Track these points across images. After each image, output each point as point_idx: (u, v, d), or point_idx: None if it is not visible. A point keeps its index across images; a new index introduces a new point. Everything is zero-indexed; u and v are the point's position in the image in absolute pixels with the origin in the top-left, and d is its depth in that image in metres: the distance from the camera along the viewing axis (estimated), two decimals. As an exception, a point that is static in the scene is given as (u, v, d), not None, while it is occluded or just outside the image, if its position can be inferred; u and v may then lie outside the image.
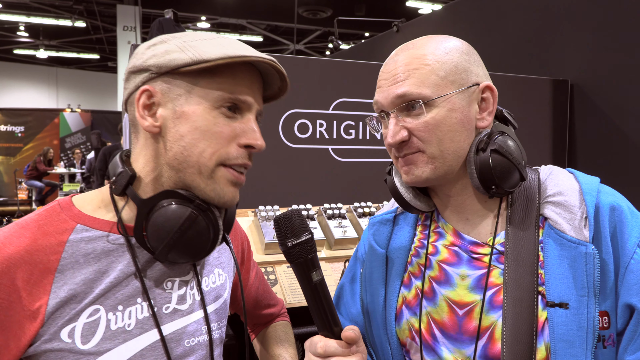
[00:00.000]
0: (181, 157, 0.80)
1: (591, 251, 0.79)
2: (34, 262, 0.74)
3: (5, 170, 12.30)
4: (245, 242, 1.12)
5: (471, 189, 0.91)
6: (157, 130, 0.81)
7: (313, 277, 0.79)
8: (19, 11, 11.59)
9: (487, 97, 0.90)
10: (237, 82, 0.81)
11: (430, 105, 0.85)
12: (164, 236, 0.78)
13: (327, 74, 2.41)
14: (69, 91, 17.51)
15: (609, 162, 2.89)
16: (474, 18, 4.04)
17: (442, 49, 0.88)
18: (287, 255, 0.79)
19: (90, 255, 0.79)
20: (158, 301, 0.84)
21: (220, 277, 0.97)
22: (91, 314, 0.77)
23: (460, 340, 0.87)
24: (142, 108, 0.81)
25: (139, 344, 0.80)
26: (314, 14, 10.70)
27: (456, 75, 0.86)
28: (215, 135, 0.79)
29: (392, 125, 0.87)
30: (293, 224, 0.78)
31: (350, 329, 0.79)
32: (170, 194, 0.80)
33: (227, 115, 0.81)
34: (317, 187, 2.41)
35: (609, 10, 2.84)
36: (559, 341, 0.78)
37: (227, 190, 0.82)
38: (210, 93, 0.80)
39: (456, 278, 0.89)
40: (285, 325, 1.21)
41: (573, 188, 0.86)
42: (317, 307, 0.80)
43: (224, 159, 0.80)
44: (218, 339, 0.93)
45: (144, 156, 0.83)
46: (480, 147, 0.86)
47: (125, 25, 10.58)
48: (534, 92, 2.97)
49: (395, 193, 0.96)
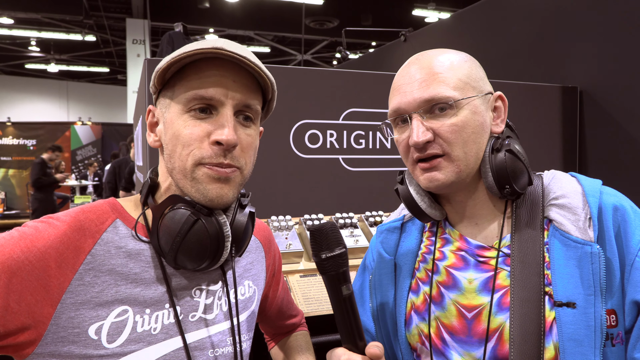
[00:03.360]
0: (170, 164, 0.83)
1: (596, 250, 0.80)
2: (69, 241, 0.76)
3: (17, 183, 12.42)
4: (278, 255, 1.13)
5: (483, 193, 0.93)
6: (158, 144, 0.86)
7: (343, 291, 0.79)
8: (31, 26, 11.78)
9: (499, 106, 0.95)
10: (202, 80, 0.80)
11: (457, 107, 0.87)
12: (169, 240, 0.80)
13: (337, 85, 2.43)
14: (79, 104, 17.71)
15: (619, 169, 2.88)
16: (482, 26, 4.05)
17: (460, 58, 0.92)
18: (319, 266, 0.80)
19: (122, 249, 0.81)
20: (185, 308, 0.85)
21: (250, 289, 0.98)
22: (120, 314, 0.78)
23: (469, 343, 0.88)
24: (148, 126, 0.87)
25: (162, 349, 0.81)
26: (321, 24, 10.78)
27: (475, 82, 0.91)
28: (186, 137, 0.80)
29: (416, 126, 0.88)
30: (328, 237, 0.79)
31: (375, 346, 0.80)
32: (175, 199, 0.82)
33: (198, 117, 0.80)
34: (329, 197, 2.42)
35: (616, 17, 2.85)
36: (568, 340, 0.79)
37: (210, 187, 0.81)
38: (182, 97, 0.81)
39: (464, 282, 0.91)
40: (306, 335, 1.22)
41: (576, 190, 0.88)
42: (343, 320, 0.80)
43: (198, 158, 0.80)
44: (243, 351, 0.92)
45: (160, 168, 0.89)
46: (496, 148, 0.90)
47: (135, 38, 10.72)
48: (543, 99, 2.97)
49: (410, 202, 0.96)
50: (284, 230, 1.99)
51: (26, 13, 10.58)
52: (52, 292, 0.74)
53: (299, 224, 2.08)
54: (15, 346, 0.73)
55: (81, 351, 0.75)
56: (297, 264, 1.93)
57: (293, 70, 2.40)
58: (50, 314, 0.73)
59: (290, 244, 1.92)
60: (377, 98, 2.49)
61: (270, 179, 2.30)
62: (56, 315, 0.74)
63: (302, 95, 2.37)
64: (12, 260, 0.72)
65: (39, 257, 0.73)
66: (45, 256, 0.74)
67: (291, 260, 1.92)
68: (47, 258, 0.74)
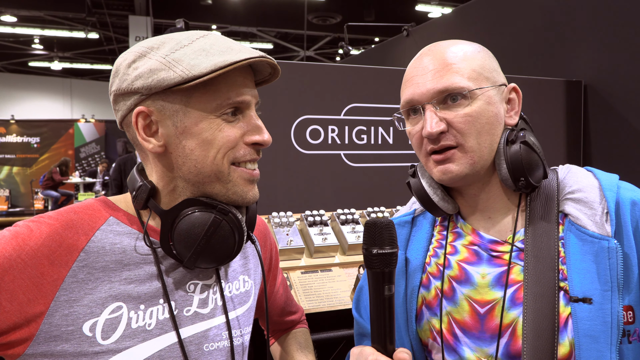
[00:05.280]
0: (195, 170, 0.81)
1: (614, 245, 0.79)
2: (61, 239, 0.76)
3: (21, 181, 12.48)
4: (274, 249, 1.13)
5: (497, 186, 0.92)
6: (162, 150, 0.81)
7: (385, 291, 0.78)
8: (34, 24, 11.80)
9: (513, 98, 0.93)
10: (232, 86, 0.81)
11: (471, 97, 0.86)
12: (191, 244, 0.79)
13: (338, 80, 2.41)
14: (83, 102, 17.74)
15: (624, 163, 2.85)
16: (485, 21, 4.02)
17: (474, 49, 0.91)
18: (366, 260, 0.79)
19: (115, 245, 0.80)
20: (179, 303, 0.84)
21: (246, 284, 0.97)
22: (114, 310, 0.78)
23: (482, 339, 0.87)
24: (142, 131, 0.81)
25: (157, 344, 0.81)
26: (324, 20, 10.75)
27: (489, 72, 0.90)
28: (222, 141, 0.80)
29: (429, 117, 0.87)
30: (382, 233, 0.78)
31: (404, 352, 0.78)
32: (192, 202, 0.82)
33: (230, 120, 0.81)
34: (330, 193, 2.40)
35: (620, 10, 2.81)
36: (583, 336, 0.77)
37: (247, 189, 0.85)
38: (208, 103, 0.79)
39: (477, 277, 0.90)
40: (305, 332, 1.21)
41: (592, 185, 0.87)
42: (378, 319, 0.79)
43: (232, 159, 0.82)
44: (240, 346, 0.92)
45: (156, 172, 0.85)
46: (510, 139, 0.88)
47: (137, 35, 10.71)
48: (547, 93, 2.95)
49: (423, 195, 0.95)
50: (285, 227, 1.97)
51: (29, 11, 10.60)
52: (45, 290, 0.73)
53: (300, 220, 2.07)
54: (7, 345, 0.72)
55: (75, 349, 0.74)
56: (299, 260, 1.92)
57: (294, 65, 2.39)
58: (42, 312, 0.73)
59: (291, 240, 1.91)
60: (379, 93, 2.47)
61: (271, 175, 2.29)
62: (49, 314, 0.73)
63: (303, 90, 2.35)
64: (3, 259, 0.71)
65: (31, 255, 0.73)
66: (38, 254, 0.73)
67: (292, 256, 1.91)
68: (40, 256, 0.73)
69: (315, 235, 1.96)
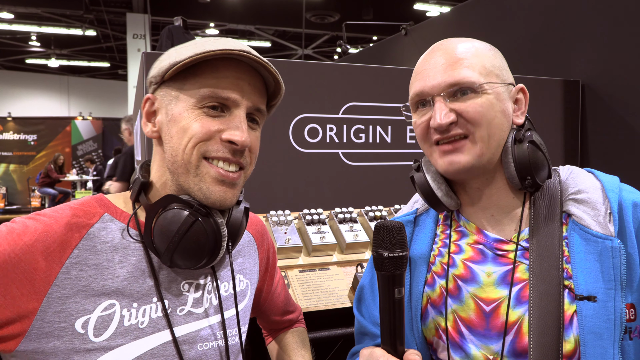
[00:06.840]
0: (172, 158, 0.82)
1: (617, 245, 0.81)
2: (56, 235, 0.76)
3: (18, 179, 12.44)
4: (272, 248, 1.12)
5: (501, 182, 0.93)
6: (156, 135, 0.86)
7: (395, 293, 0.79)
8: (31, 21, 11.75)
9: (520, 98, 0.95)
10: (219, 79, 0.81)
11: (481, 92, 0.87)
12: (166, 240, 0.79)
13: (337, 79, 2.41)
14: (80, 99, 17.70)
15: (621, 163, 2.86)
16: (483, 20, 4.02)
17: (484, 47, 0.93)
18: (376, 262, 0.79)
19: (109, 243, 0.81)
20: (173, 302, 0.84)
21: (242, 283, 0.97)
22: (106, 307, 0.78)
23: (487, 337, 0.88)
24: (145, 115, 0.86)
25: (150, 342, 0.81)
26: (322, 18, 10.74)
27: (499, 70, 0.91)
28: (195, 131, 0.80)
29: (439, 108, 0.88)
30: (393, 236, 0.78)
31: (414, 353, 0.79)
32: (171, 199, 0.81)
33: (210, 114, 0.81)
34: (328, 191, 2.40)
35: (618, 10, 2.82)
36: (588, 333, 0.79)
37: (214, 189, 0.82)
38: (194, 93, 0.81)
39: (482, 275, 0.91)
40: (302, 331, 1.21)
41: (595, 186, 0.88)
42: (389, 321, 0.80)
43: (204, 152, 0.81)
44: (234, 346, 0.92)
45: (155, 163, 0.88)
46: (518, 138, 0.90)
47: (135, 33, 10.69)
48: (544, 93, 2.95)
49: (426, 190, 0.96)
50: (283, 225, 1.97)
51: (26, 8, 10.55)
52: (38, 286, 0.73)
53: (298, 219, 2.07)
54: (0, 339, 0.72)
55: (67, 346, 0.74)
56: (296, 259, 1.92)
57: (292, 64, 2.39)
58: (35, 308, 0.73)
59: (289, 238, 1.91)
60: (377, 92, 2.47)
61: (269, 174, 2.29)
62: (42, 310, 0.73)
63: (302, 89, 2.35)
64: None
65: (25, 251, 0.73)
66: (32, 250, 0.74)
67: (290, 255, 1.91)
68: (34, 252, 0.74)
69: (313, 233, 1.96)
